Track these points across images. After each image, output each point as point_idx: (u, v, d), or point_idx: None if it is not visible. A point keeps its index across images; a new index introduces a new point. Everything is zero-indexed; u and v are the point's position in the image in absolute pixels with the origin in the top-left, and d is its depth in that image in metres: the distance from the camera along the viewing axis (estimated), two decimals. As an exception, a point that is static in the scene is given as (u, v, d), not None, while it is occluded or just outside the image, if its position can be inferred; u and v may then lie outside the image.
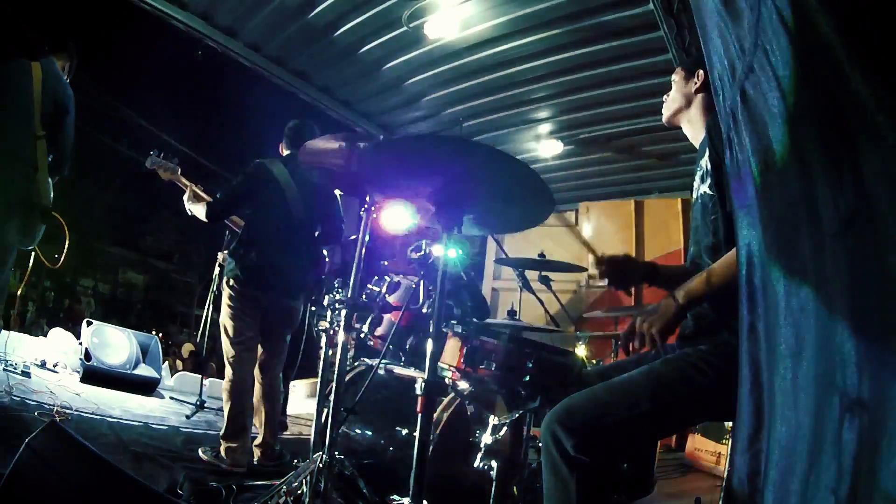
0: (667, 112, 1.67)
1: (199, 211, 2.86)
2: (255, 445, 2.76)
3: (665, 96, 1.69)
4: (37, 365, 4.07)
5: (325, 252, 3.20)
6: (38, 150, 2.37)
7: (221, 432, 2.66)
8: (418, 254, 2.24)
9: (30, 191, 2.35)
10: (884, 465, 0.61)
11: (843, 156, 0.71)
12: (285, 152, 3.01)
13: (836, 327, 0.71)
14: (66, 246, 2.60)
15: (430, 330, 1.32)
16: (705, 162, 1.47)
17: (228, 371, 2.72)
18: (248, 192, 2.81)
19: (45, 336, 4.96)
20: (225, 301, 2.79)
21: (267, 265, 2.75)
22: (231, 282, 2.76)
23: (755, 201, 0.89)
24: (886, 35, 0.67)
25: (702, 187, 1.49)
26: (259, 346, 2.83)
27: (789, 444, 0.75)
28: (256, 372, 2.81)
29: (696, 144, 1.61)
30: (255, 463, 2.71)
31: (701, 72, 1.57)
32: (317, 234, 2.97)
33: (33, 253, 2.52)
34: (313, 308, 3.44)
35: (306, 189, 2.85)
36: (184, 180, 3.06)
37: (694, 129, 1.62)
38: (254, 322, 2.77)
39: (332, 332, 2.06)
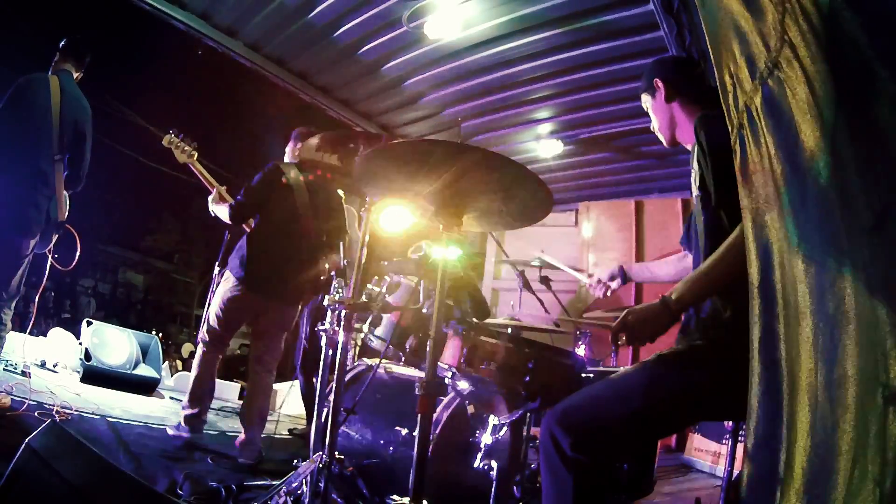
0: (664, 136, 1.61)
1: (222, 212, 2.86)
2: (240, 442, 2.77)
3: (651, 127, 1.64)
4: (37, 365, 4.06)
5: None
6: (56, 171, 2.60)
7: (184, 401, 2.81)
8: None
9: (49, 209, 2.60)
10: None
11: (875, 149, 0.71)
12: (294, 153, 3.00)
13: (877, 322, 0.70)
14: (79, 252, 2.87)
15: (430, 330, 1.32)
16: (695, 163, 1.42)
17: (199, 347, 2.86)
18: (267, 194, 2.80)
19: (45, 336, 4.95)
20: (220, 294, 2.82)
21: (272, 273, 2.76)
22: (233, 280, 2.77)
23: (775, 199, 0.87)
24: None
25: (698, 191, 1.44)
26: (253, 344, 2.94)
27: (827, 441, 0.74)
28: (252, 364, 2.89)
29: (689, 148, 1.55)
30: (239, 461, 2.72)
31: (657, 80, 1.54)
32: (324, 238, 2.94)
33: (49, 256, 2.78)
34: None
35: (317, 195, 2.86)
36: (199, 166, 3.04)
37: (687, 134, 1.55)
38: (238, 325, 2.89)
39: (331, 332, 2.06)
